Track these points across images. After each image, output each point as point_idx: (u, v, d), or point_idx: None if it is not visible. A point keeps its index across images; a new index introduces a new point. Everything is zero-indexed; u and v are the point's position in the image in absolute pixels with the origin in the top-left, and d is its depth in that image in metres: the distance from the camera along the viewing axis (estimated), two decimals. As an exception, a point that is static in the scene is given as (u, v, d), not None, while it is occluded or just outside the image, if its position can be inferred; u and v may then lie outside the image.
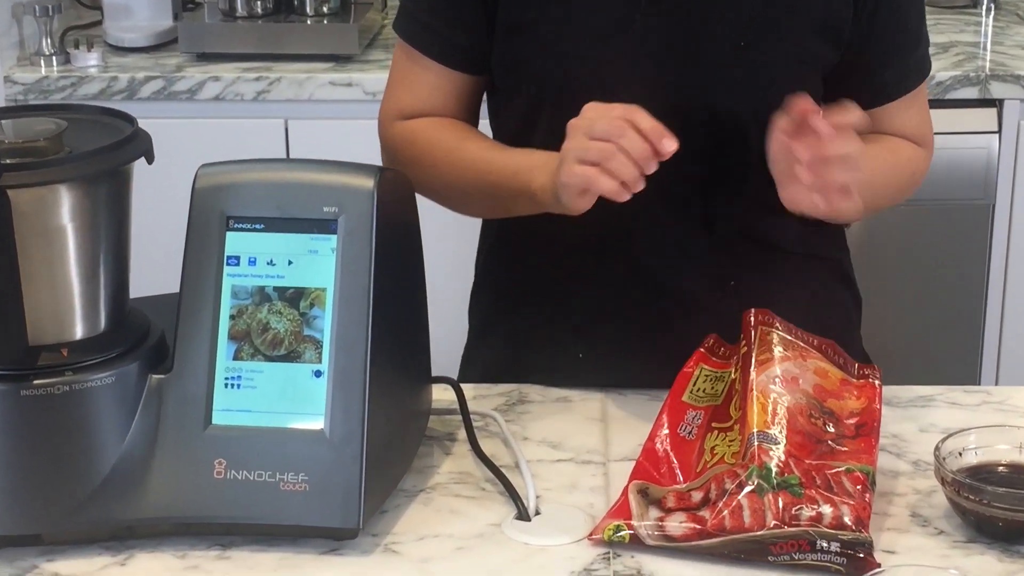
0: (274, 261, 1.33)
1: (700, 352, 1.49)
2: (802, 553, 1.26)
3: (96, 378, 1.30)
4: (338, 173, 1.34)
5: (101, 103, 2.57)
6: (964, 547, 1.32)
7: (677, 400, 1.45)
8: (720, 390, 1.44)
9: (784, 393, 1.37)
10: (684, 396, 1.45)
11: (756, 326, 1.44)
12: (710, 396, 1.45)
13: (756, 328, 1.43)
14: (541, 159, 1.52)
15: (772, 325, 1.44)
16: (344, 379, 1.30)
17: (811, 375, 1.41)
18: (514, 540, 1.34)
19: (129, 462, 1.31)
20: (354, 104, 2.74)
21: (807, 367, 1.42)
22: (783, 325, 1.45)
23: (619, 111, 1.42)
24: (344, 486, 1.29)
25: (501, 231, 1.71)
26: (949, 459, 1.35)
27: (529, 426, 1.54)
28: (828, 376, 1.43)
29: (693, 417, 1.43)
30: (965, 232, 2.82)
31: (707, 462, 1.36)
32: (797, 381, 1.39)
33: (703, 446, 1.39)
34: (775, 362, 1.40)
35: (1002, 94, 2.73)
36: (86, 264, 1.31)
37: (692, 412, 1.44)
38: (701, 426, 1.42)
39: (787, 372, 1.39)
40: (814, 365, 1.43)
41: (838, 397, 1.42)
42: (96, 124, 1.36)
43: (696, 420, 1.42)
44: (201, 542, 1.33)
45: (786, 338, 1.44)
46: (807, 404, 1.38)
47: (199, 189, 1.34)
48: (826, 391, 1.41)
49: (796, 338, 1.44)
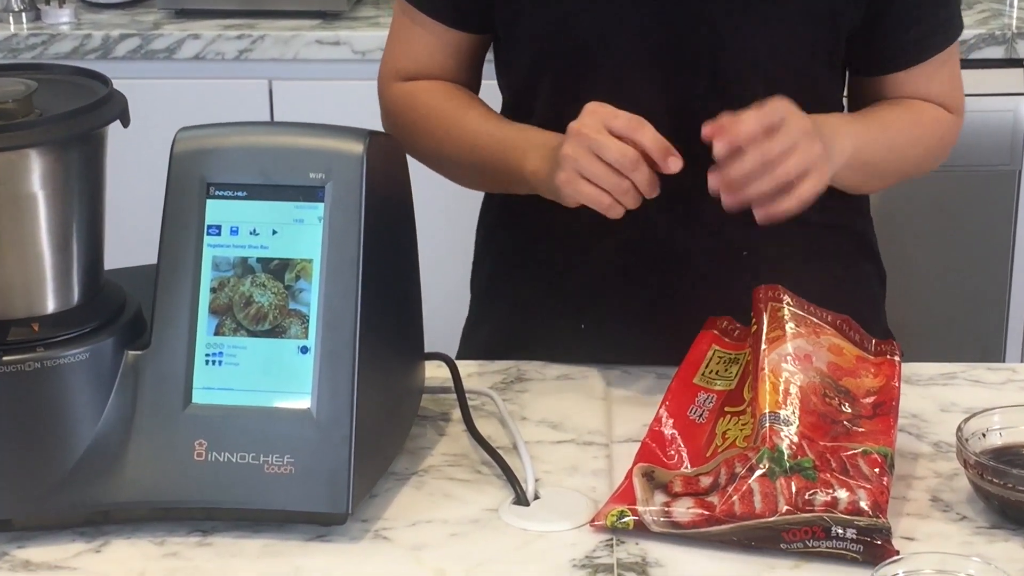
0: (257, 231, 1.33)
1: (713, 333, 1.49)
2: (816, 540, 1.26)
3: (69, 354, 1.30)
4: (325, 137, 1.34)
5: (74, 63, 2.57)
6: (988, 533, 1.32)
7: (687, 381, 1.45)
8: (735, 372, 1.44)
9: (796, 372, 1.37)
10: (695, 378, 1.45)
11: (766, 302, 1.44)
12: (724, 379, 1.45)
13: (766, 304, 1.43)
14: (537, 139, 1.53)
15: (782, 300, 1.44)
16: (332, 356, 1.30)
17: (825, 352, 1.41)
18: (512, 526, 1.34)
19: (104, 443, 1.31)
20: (342, 64, 2.74)
21: (820, 344, 1.42)
22: (794, 300, 1.45)
23: (623, 123, 1.43)
24: (332, 469, 1.29)
25: (503, 200, 1.71)
26: (972, 440, 1.35)
27: (528, 405, 1.54)
28: (843, 353, 1.43)
29: (705, 400, 1.43)
30: (990, 200, 2.82)
31: (718, 447, 1.36)
32: (810, 359, 1.39)
33: (714, 430, 1.39)
34: (787, 339, 1.40)
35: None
36: (58, 234, 1.31)
37: (704, 395, 1.44)
38: (713, 410, 1.42)
39: (799, 350, 1.39)
40: (828, 342, 1.43)
41: (854, 375, 1.42)
42: (68, 85, 1.35)
43: (708, 403, 1.43)
44: (180, 527, 1.33)
45: (798, 314, 1.43)
46: (821, 383, 1.38)
47: (178, 154, 1.34)
48: (841, 369, 1.41)
49: (808, 313, 1.44)
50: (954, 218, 2.83)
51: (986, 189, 2.81)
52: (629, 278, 1.64)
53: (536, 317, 1.69)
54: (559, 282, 1.68)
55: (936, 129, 1.66)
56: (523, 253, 1.71)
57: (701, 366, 1.46)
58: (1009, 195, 2.81)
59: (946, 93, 1.67)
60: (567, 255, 1.66)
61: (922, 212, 2.81)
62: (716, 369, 1.46)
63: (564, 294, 1.67)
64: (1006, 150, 2.77)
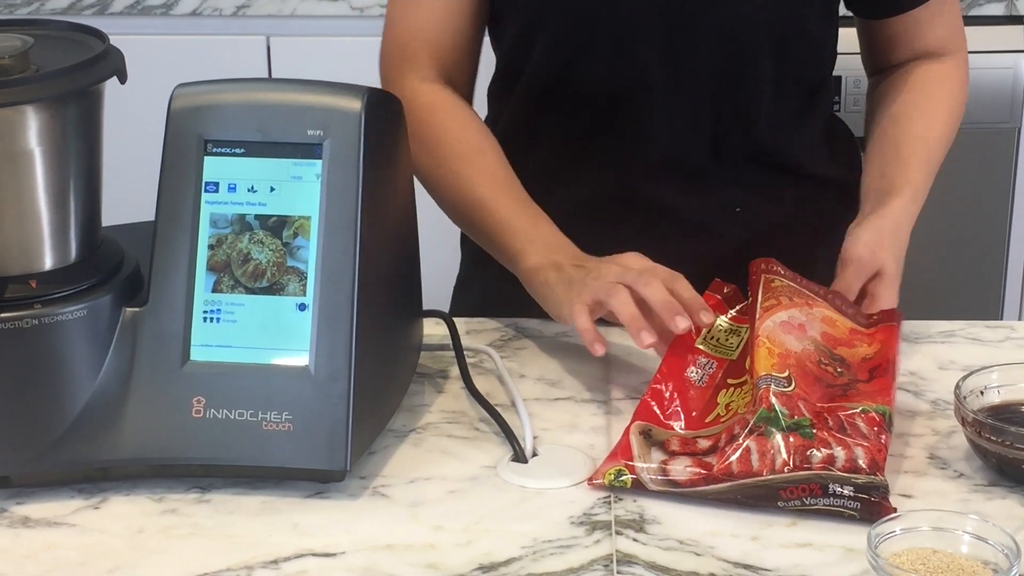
0: (255, 188, 1.33)
1: (717, 299, 1.48)
2: (814, 498, 1.26)
3: (67, 311, 1.30)
4: (323, 94, 1.33)
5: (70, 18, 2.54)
6: (985, 491, 1.32)
7: (690, 343, 1.43)
8: (735, 344, 1.44)
9: (791, 338, 1.37)
10: (698, 342, 1.44)
11: (759, 274, 1.44)
12: (724, 348, 1.44)
13: (759, 276, 1.44)
14: (545, 234, 1.51)
15: (776, 272, 1.45)
16: (330, 313, 1.30)
17: (818, 323, 1.42)
18: (510, 483, 1.34)
19: (102, 400, 1.31)
20: (341, 20, 2.72)
21: (814, 315, 1.42)
22: (787, 273, 1.46)
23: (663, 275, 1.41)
24: (330, 426, 1.29)
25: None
26: (970, 398, 1.35)
27: (526, 363, 1.54)
28: (836, 325, 1.43)
29: (706, 364, 1.42)
30: (989, 158, 2.80)
31: (720, 416, 1.36)
32: (804, 329, 1.40)
33: (715, 399, 1.38)
34: (781, 308, 1.40)
35: (1031, 10, 2.71)
36: (55, 191, 1.30)
37: (705, 359, 1.43)
38: (713, 376, 1.41)
39: (793, 319, 1.40)
40: (821, 314, 1.43)
41: (849, 345, 1.42)
42: (64, 41, 1.34)
43: (709, 368, 1.42)
44: (179, 484, 1.33)
45: (791, 286, 1.44)
46: (816, 350, 1.38)
47: (175, 111, 1.34)
48: (835, 339, 1.41)
49: (801, 286, 1.45)
50: (953, 176, 2.81)
51: (985, 146, 2.80)
52: (623, 233, 1.63)
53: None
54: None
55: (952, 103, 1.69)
56: None
57: (704, 330, 1.44)
58: (1008, 152, 2.80)
59: (948, 36, 1.69)
60: (561, 210, 1.66)
61: (921, 170, 2.80)
62: (718, 337, 1.45)
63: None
64: (1006, 107, 2.76)
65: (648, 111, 1.60)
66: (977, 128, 2.77)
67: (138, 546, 1.26)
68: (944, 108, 1.68)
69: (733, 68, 1.59)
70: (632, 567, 1.23)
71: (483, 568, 1.23)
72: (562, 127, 1.65)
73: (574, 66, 1.61)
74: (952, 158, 2.83)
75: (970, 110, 2.70)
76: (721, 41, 1.57)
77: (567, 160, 1.66)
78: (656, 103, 1.60)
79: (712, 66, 1.58)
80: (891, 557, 1.17)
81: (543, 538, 1.26)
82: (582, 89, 1.62)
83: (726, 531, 1.27)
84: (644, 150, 1.62)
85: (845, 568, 1.22)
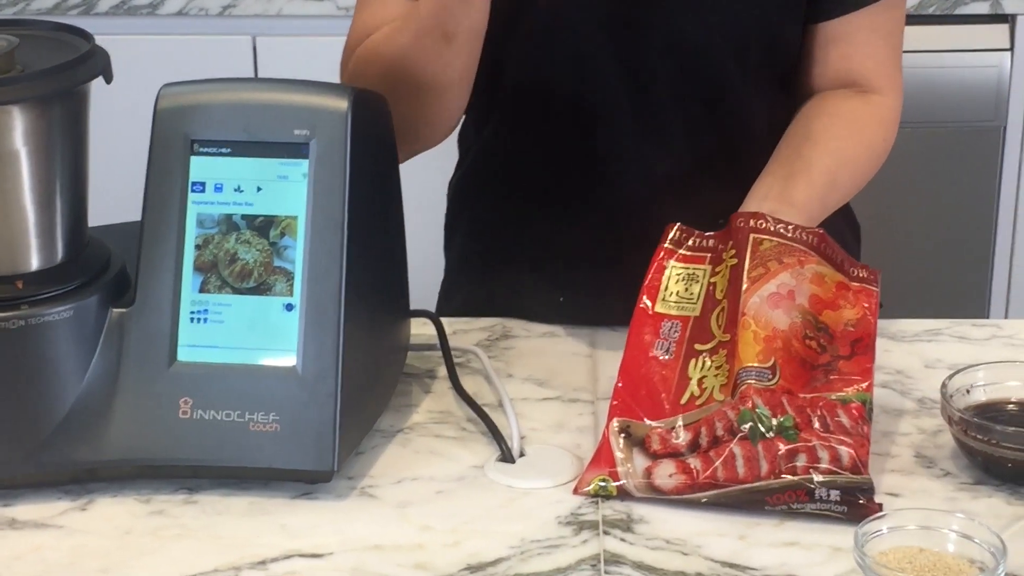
0: (242, 187, 1.32)
1: (665, 248, 1.43)
2: (800, 503, 1.26)
3: (53, 312, 1.29)
4: (310, 93, 1.33)
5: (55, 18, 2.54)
6: (971, 489, 1.32)
7: (648, 313, 1.40)
8: (696, 293, 1.40)
9: (779, 314, 1.35)
10: (657, 306, 1.40)
11: (747, 233, 1.39)
12: (685, 300, 1.40)
13: (747, 236, 1.38)
14: None
15: (764, 231, 1.39)
16: (317, 313, 1.30)
17: (807, 285, 1.37)
18: (497, 483, 1.34)
19: (89, 401, 1.31)
20: (327, 20, 2.72)
21: (804, 275, 1.37)
22: (776, 228, 1.40)
23: None
24: (317, 426, 1.29)
25: (470, 168, 1.71)
26: (956, 397, 1.36)
27: (513, 362, 1.54)
28: (824, 282, 1.38)
29: (670, 329, 1.39)
30: (974, 156, 2.81)
31: (694, 395, 1.35)
32: (793, 296, 1.36)
33: (686, 372, 1.37)
34: (770, 276, 1.36)
35: (1015, 8, 2.71)
36: (41, 191, 1.30)
37: (668, 323, 1.39)
38: (679, 341, 1.38)
39: (783, 286, 1.36)
40: (811, 271, 1.38)
41: (833, 307, 1.37)
42: (50, 41, 1.34)
43: (674, 333, 1.39)
44: (166, 485, 1.33)
45: (781, 244, 1.38)
46: (802, 323, 1.35)
47: (161, 111, 1.33)
48: (822, 301, 1.37)
49: (792, 238, 1.39)
50: (938, 175, 2.83)
51: (970, 145, 2.80)
52: (601, 249, 1.63)
53: (511, 292, 1.67)
54: (532, 256, 1.67)
55: (872, 155, 1.62)
56: (492, 228, 1.70)
57: (660, 290, 1.41)
58: (993, 151, 2.81)
59: (881, 68, 1.61)
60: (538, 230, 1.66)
61: (906, 169, 2.80)
62: (676, 290, 1.41)
63: (539, 268, 1.66)
64: (990, 106, 2.77)
65: (619, 124, 1.59)
66: (962, 127, 2.78)
67: (126, 547, 1.26)
68: (870, 161, 1.63)
69: (694, 77, 1.58)
70: (620, 567, 1.23)
71: (471, 568, 1.23)
72: (539, 147, 1.64)
73: (540, 86, 1.60)
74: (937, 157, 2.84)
75: (955, 109, 2.72)
76: (676, 51, 1.56)
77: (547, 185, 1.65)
78: (624, 115, 1.59)
79: (673, 75, 1.57)
80: (878, 556, 1.17)
81: (531, 538, 1.26)
82: (552, 107, 1.61)
83: (713, 531, 1.27)
84: (620, 164, 1.61)
85: (832, 567, 1.22)
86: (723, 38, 1.56)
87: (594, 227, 1.64)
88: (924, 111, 2.69)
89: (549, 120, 1.62)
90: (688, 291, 1.41)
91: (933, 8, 2.69)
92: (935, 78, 2.70)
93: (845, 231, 1.74)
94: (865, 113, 1.61)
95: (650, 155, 1.60)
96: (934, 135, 2.77)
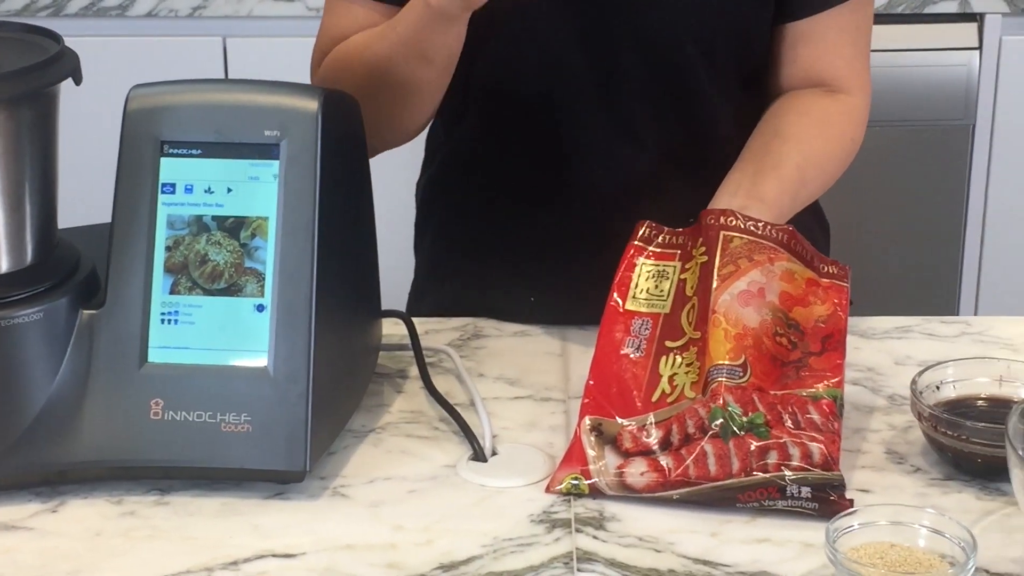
0: (212, 189, 1.32)
1: (635, 245, 1.44)
2: (772, 500, 1.27)
3: (23, 314, 1.29)
4: (280, 94, 1.33)
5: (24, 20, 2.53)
6: (941, 485, 1.33)
7: (618, 312, 1.40)
8: (666, 290, 1.40)
9: (749, 311, 1.35)
10: (628, 303, 1.40)
11: (717, 231, 1.38)
12: (656, 297, 1.40)
13: (717, 233, 1.38)
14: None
15: (734, 228, 1.39)
16: (288, 313, 1.30)
17: (777, 282, 1.37)
18: (470, 482, 1.34)
19: (60, 403, 1.30)
20: (297, 21, 2.72)
21: (774, 272, 1.37)
22: (746, 225, 1.40)
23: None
24: (289, 427, 1.29)
25: (440, 168, 1.71)
26: (926, 393, 1.36)
27: (485, 362, 1.54)
28: (794, 279, 1.38)
29: (640, 327, 1.39)
30: (944, 155, 2.82)
31: (665, 393, 1.35)
32: (764, 293, 1.36)
33: (658, 370, 1.37)
34: (740, 274, 1.36)
35: (983, 8, 2.72)
36: (10, 193, 1.29)
37: (639, 320, 1.40)
38: (650, 339, 1.38)
39: (753, 284, 1.36)
40: (781, 269, 1.38)
41: (804, 304, 1.37)
42: (19, 42, 1.34)
43: (644, 330, 1.39)
44: (138, 487, 1.32)
45: (751, 242, 1.38)
46: (772, 320, 1.35)
47: (131, 112, 1.33)
48: (792, 298, 1.37)
49: (762, 235, 1.39)
50: (908, 173, 2.84)
51: (940, 144, 2.81)
52: (571, 247, 1.63)
53: (482, 292, 1.67)
54: (503, 256, 1.67)
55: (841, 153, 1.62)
56: (461, 230, 1.70)
57: (631, 288, 1.41)
58: (963, 150, 2.82)
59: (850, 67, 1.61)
60: (508, 230, 1.66)
61: (875, 167, 2.82)
62: (646, 287, 1.41)
63: (510, 268, 1.66)
64: (960, 105, 2.78)
65: (589, 122, 1.59)
66: (932, 125, 2.79)
67: (97, 549, 1.26)
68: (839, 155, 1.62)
69: (663, 75, 1.58)
70: (592, 564, 1.23)
71: (444, 567, 1.23)
72: (509, 146, 1.64)
73: (510, 85, 1.60)
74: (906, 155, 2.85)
75: (924, 107, 2.73)
76: (644, 49, 1.56)
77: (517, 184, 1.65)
78: (594, 114, 1.59)
79: (641, 73, 1.58)
80: (849, 551, 1.17)
81: (503, 536, 1.26)
82: (522, 106, 1.61)
83: (685, 528, 1.27)
84: (590, 162, 1.61)
85: (804, 563, 1.23)
86: (691, 37, 1.56)
87: (565, 226, 1.64)
88: (893, 110, 2.71)
89: (519, 119, 1.62)
90: (658, 288, 1.41)
91: (902, 7, 2.70)
92: (904, 77, 2.71)
93: (815, 229, 1.74)
94: (834, 112, 1.61)
95: (620, 153, 1.61)
96: (904, 133, 2.78)
